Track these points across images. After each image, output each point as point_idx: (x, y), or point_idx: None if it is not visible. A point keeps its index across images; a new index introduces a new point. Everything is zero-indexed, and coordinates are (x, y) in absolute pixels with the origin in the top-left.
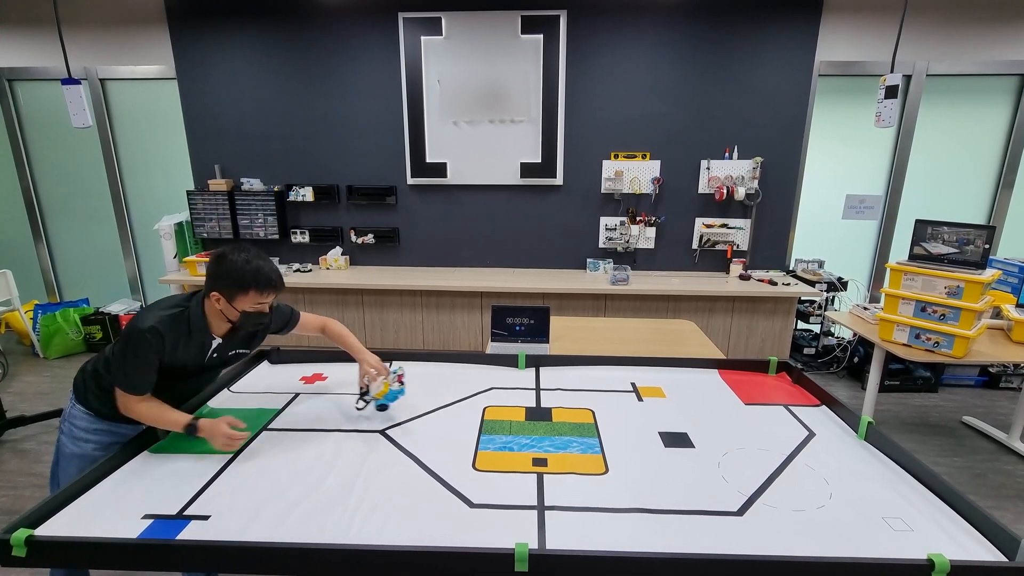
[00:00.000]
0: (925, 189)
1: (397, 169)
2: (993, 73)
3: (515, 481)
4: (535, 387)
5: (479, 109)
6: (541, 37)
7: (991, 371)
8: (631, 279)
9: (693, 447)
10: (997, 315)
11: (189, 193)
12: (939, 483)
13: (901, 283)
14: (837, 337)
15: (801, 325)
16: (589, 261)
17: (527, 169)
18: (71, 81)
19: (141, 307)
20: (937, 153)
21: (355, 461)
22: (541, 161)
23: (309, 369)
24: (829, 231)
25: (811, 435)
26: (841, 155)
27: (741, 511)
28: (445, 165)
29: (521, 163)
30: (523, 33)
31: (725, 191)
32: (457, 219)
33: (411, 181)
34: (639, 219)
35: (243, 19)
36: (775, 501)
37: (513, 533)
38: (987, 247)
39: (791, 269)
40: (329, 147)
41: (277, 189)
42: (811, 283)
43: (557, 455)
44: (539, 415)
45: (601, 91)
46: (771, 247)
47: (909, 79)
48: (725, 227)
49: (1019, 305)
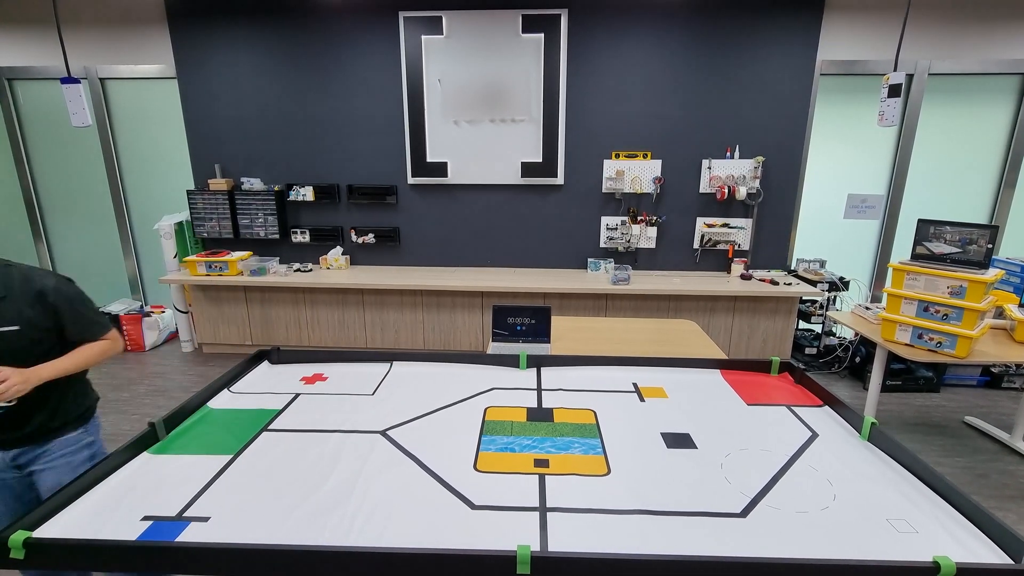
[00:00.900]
0: (927, 189)
1: (398, 169)
2: (995, 72)
3: (517, 482)
4: (536, 387)
5: (480, 108)
6: (542, 36)
7: (993, 371)
8: (632, 279)
9: (696, 448)
10: (1000, 315)
11: (189, 193)
12: (943, 484)
13: (904, 283)
14: (839, 337)
15: (803, 325)
16: (590, 261)
17: (528, 168)
18: (70, 80)
19: (141, 307)
20: (939, 152)
21: (356, 462)
22: (542, 160)
23: (310, 369)
24: (830, 231)
25: (814, 436)
26: (842, 155)
27: (744, 513)
28: (446, 164)
29: (522, 162)
30: (524, 32)
31: (726, 191)
32: (458, 219)
33: (412, 181)
34: (640, 219)
35: (243, 18)
36: (778, 502)
37: (515, 535)
38: (990, 247)
39: (792, 269)
40: (329, 146)
41: (277, 189)
42: (813, 283)
43: (559, 456)
44: (541, 416)
45: (602, 90)
46: (772, 247)
47: (911, 78)
48: (726, 227)
49: (1022, 305)
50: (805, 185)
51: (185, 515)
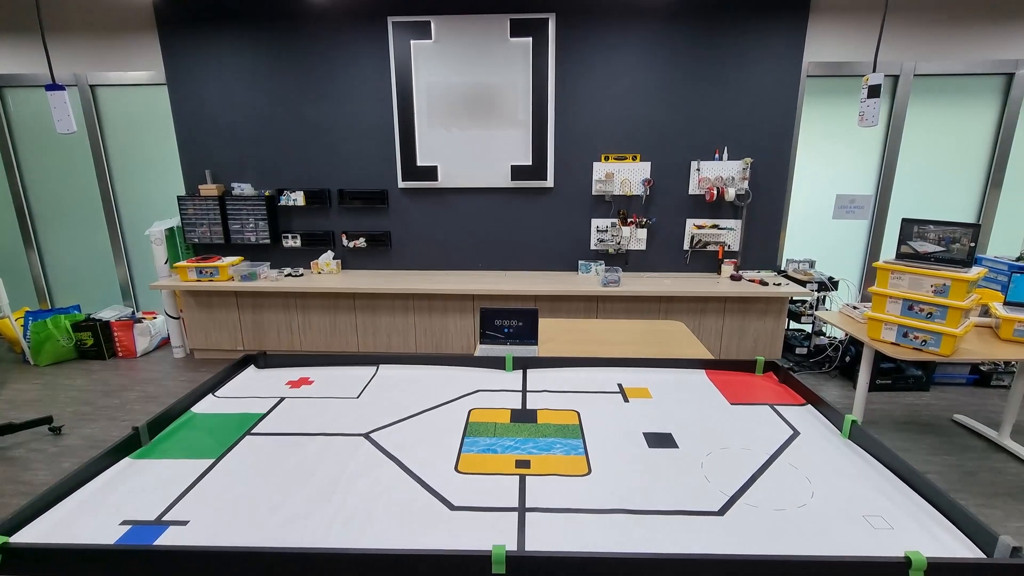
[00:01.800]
0: (914, 188)
1: (388, 173)
2: (980, 73)
3: (497, 483)
4: (522, 389)
5: (469, 112)
6: (530, 40)
7: (982, 369)
8: (623, 281)
9: (677, 447)
10: (985, 313)
11: (180, 198)
12: (921, 481)
13: (888, 282)
14: (829, 337)
15: (793, 325)
16: (581, 263)
17: (518, 172)
18: (55, 87)
19: (132, 313)
20: (926, 153)
21: (337, 465)
22: (532, 164)
23: (295, 373)
24: (820, 231)
25: (795, 434)
26: (831, 155)
27: (722, 511)
28: (436, 168)
29: (512, 166)
30: (512, 36)
31: (715, 192)
32: (449, 222)
33: (402, 185)
34: (630, 221)
35: (232, 25)
36: (756, 500)
37: (493, 535)
38: (973, 245)
39: (782, 269)
40: (320, 151)
41: (268, 194)
42: (802, 283)
43: (540, 457)
44: (524, 417)
45: (591, 93)
46: (762, 247)
47: (897, 79)
48: (716, 228)
49: (1007, 303)
50: (794, 186)
51: (164, 519)
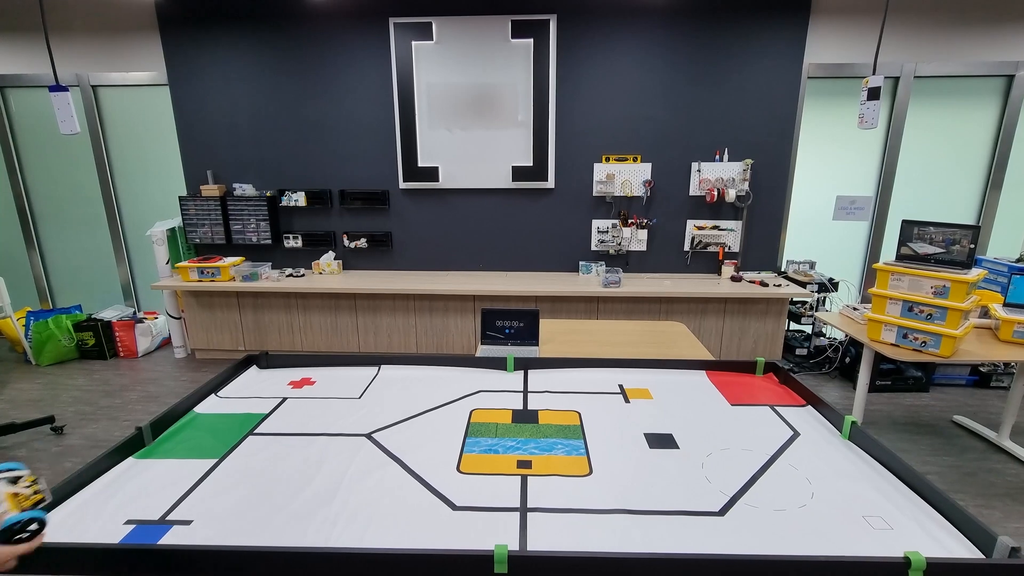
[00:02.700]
0: (914, 190)
1: (389, 173)
2: (980, 74)
3: (499, 483)
4: (523, 390)
5: (470, 113)
6: (531, 41)
7: (982, 370)
8: (623, 281)
9: (678, 448)
10: (985, 314)
11: (181, 199)
12: (920, 482)
13: (888, 283)
14: (829, 338)
15: (793, 326)
16: (581, 264)
17: (519, 172)
18: (58, 88)
19: (134, 313)
20: (926, 154)
21: (340, 465)
22: (533, 164)
23: (298, 374)
24: (820, 232)
25: (795, 435)
26: (831, 156)
27: (723, 511)
28: (437, 169)
29: (513, 166)
30: (513, 37)
31: (716, 193)
32: (450, 223)
33: (403, 185)
34: (631, 221)
35: (235, 25)
36: (757, 501)
37: (495, 535)
38: (972, 247)
39: (782, 270)
40: (321, 152)
41: (269, 194)
42: (802, 284)
43: (542, 457)
44: (525, 417)
45: (592, 94)
46: (762, 248)
47: (897, 81)
48: (716, 229)
49: (1006, 304)
50: (794, 187)
51: (168, 519)
